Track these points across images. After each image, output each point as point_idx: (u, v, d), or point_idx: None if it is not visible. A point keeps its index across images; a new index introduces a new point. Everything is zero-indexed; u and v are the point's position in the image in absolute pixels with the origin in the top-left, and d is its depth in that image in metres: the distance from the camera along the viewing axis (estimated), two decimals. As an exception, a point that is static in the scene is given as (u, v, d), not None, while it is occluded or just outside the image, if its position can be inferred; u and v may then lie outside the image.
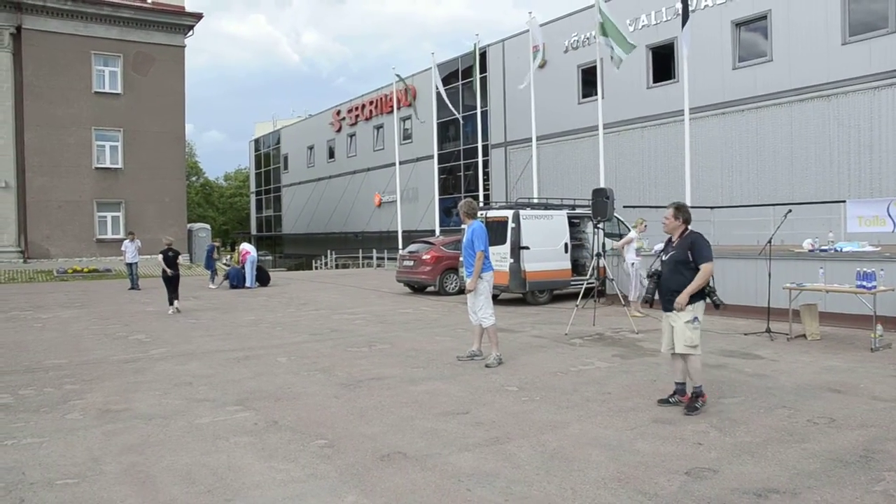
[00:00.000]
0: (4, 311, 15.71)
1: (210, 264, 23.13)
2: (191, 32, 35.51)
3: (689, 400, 6.18)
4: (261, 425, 5.98)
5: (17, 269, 29.63)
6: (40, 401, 7.00)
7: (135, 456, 5.21)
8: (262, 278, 22.61)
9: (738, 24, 22.92)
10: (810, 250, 11.89)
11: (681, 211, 6.45)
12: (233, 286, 21.68)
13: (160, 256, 15.40)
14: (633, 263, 13.46)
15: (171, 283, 15.23)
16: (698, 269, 6.18)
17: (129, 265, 22.37)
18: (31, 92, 31.68)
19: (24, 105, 31.63)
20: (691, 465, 4.79)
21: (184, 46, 35.50)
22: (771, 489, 4.32)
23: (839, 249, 11.64)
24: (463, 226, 9.06)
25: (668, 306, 6.30)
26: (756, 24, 22.62)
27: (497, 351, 8.62)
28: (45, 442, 5.59)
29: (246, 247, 22.47)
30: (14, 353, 10.05)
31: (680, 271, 6.24)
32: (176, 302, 15.11)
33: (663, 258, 6.40)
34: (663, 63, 25.64)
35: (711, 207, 18.34)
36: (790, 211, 10.98)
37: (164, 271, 15.29)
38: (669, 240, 6.52)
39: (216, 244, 25.07)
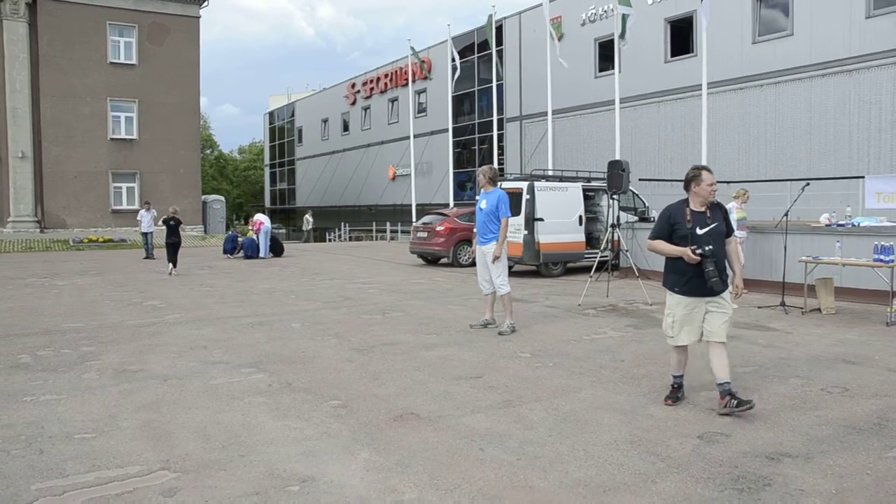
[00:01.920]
0: (22, 278, 15.88)
1: (232, 249, 22.66)
2: (206, 3, 35.38)
3: (729, 398, 5.10)
4: (275, 386, 6.03)
5: (34, 239, 29.93)
6: (58, 361, 7.09)
7: (150, 413, 5.27)
8: (276, 249, 22.67)
9: (759, -3, 22.56)
10: (827, 225, 11.77)
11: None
12: (247, 256, 21.75)
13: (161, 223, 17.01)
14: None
15: (171, 248, 16.81)
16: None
17: (145, 234, 22.51)
18: (47, 62, 31.75)
19: (39, 75, 31.73)
20: (704, 429, 4.80)
21: (199, 17, 35.40)
22: (784, 453, 4.33)
23: (857, 224, 11.52)
24: (478, 196, 8.99)
25: (714, 289, 5.17)
26: (777, -4, 22.26)
27: (511, 319, 8.63)
28: (62, 399, 5.67)
29: (260, 217, 22.51)
30: (32, 316, 10.17)
31: (721, 247, 5.33)
32: (172, 266, 16.55)
33: (698, 232, 5.22)
34: (682, 37, 25.32)
35: (728, 182, 18.18)
36: (808, 184, 10.89)
37: (167, 235, 16.98)
38: (687, 210, 5.36)
39: (237, 232, 24.79)
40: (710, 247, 5.11)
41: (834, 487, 3.82)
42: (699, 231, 5.26)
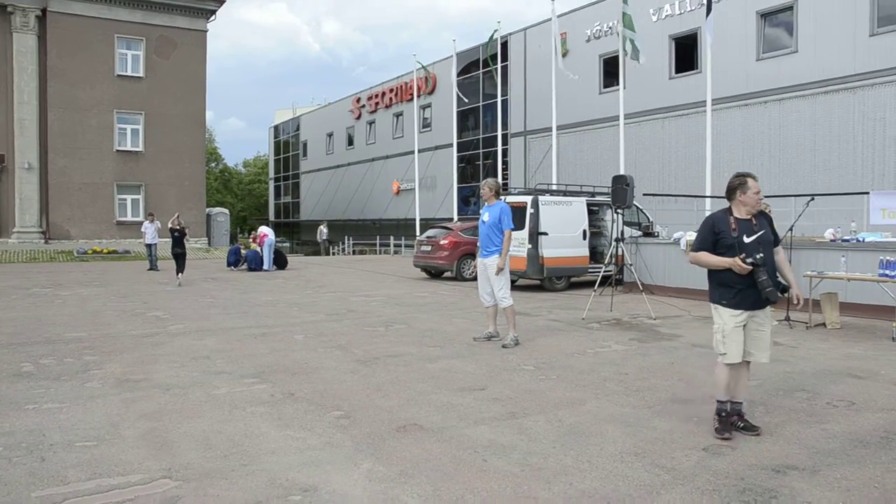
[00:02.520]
0: (26, 288, 15.89)
1: (236, 261, 22.68)
2: (213, 17, 35.64)
3: (736, 417, 5.03)
4: (277, 397, 6.01)
5: (39, 250, 29.99)
6: (60, 370, 7.08)
7: (152, 422, 5.25)
8: (280, 261, 22.68)
9: (764, 15, 22.67)
10: (832, 240, 11.74)
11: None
12: (251, 269, 21.77)
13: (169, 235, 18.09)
14: None
15: (177, 259, 17.67)
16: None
17: (149, 246, 22.53)
18: (55, 74, 31.94)
19: (47, 87, 31.91)
20: (709, 441, 4.76)
21: (206, 31, 35.63)
22: (790, 466, 4.29)
23: (861, 239, 11.49)
24: (482, 209, 9.00)
25: (770, 299, 4.88)
26: (782, 14, 22.37)
27: (514, 332, 8.61)
28: (64, 407, 5.65)
29: (264, 230, 22.52)
30: (35, 326, 10.17)
31: (771, 256, 4.99)
32: (180, 275, 17.25)
33: (745, 240, 4.90)
34: (686, 53, 25.41)
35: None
36: (812, 199, 10.88)
37: (172, 246, 17.88)
38: (731, 218, 5.02)
39: (241, 245, 24.76)
40: (762, 255, 4.79)
41: (841, 500, 3.78)
42: (747, 239, 4.92)
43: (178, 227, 17.99)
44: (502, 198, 9.25)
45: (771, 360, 5.16)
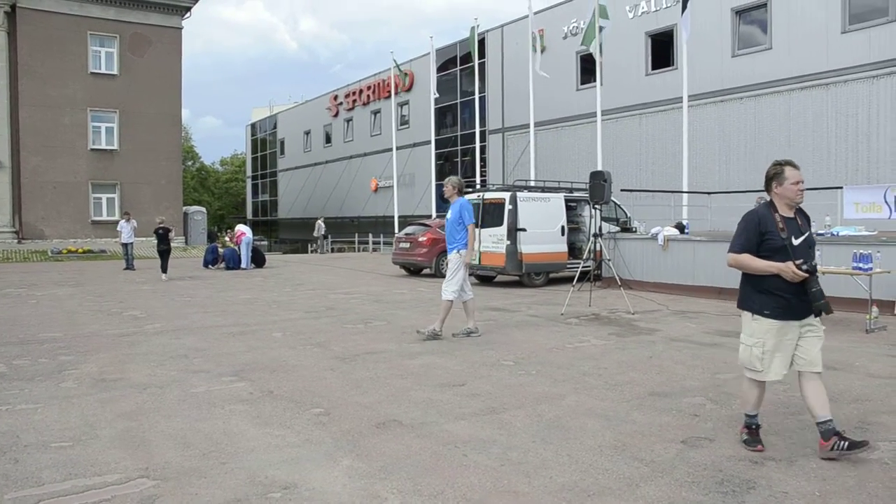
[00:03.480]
0: (-2, 289, 15.67)
1: (213, 260, 22.55)
2: (188, 14, 35.35)
3: (836, 439, 4.22)
4: (256, 395, 5.97)
5: (12, 250, 29.56)
6: (35, 370, 6.98)
7: (129, 422, 5.19)
8: (258, 259, 22.56)
9: (738, 12, 22.89)
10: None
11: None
12: (228, 267, 21.62)
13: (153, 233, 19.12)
14: None
15: (162, 256, 18.58)
16: None
17: (125, 245, 22.27)
18: (26, 71, 31.49)
19: (18, 84, 31.47)
20: (688, 434, 4.80)
21: (181, 28, 35.33)
22: (767, 457, 4.33)
23: (835, 234, 11.65)
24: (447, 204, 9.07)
25: (824, 311, 4.38)
26: (756, 11, 22.59)
27: (438, 326, 8.66)
28: (39, 408, 5.57)
29: (241, 228, 22.38)
30: (8, 326, 10.02)
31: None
32: (165, 273, 18.17)
33: (794, 243, 4.33)
34: (662, 50, 25.60)
35: (709, 193, 18.36)
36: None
37: (157, 244, 18.81)
38: (777, 216, 4.42)
39: (218, 245, 24.54)
40: (815, 261, 4.26)
41: (817, 489, 3.82)
42: (795, 241, 4.31)
43: (160, 226, 19.00)
44: (479, 195, 9.27)
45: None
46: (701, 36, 22.28)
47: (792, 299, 4.30)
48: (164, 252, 18.70)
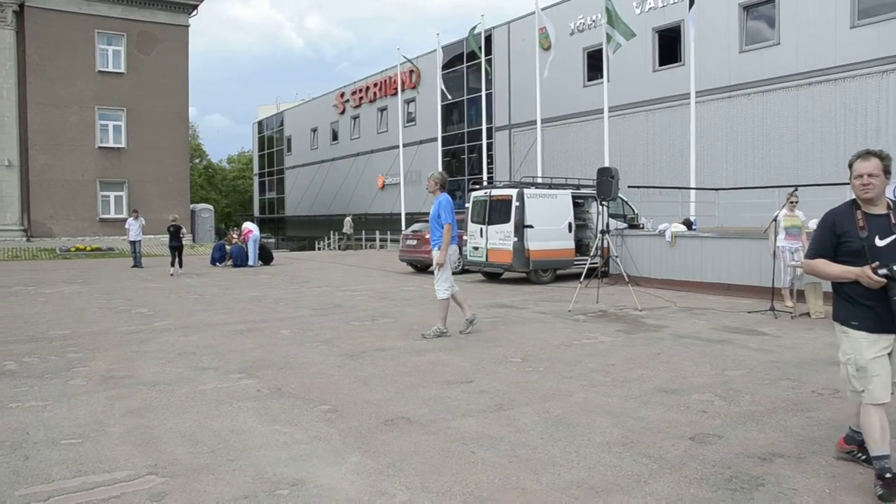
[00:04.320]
0: (7, 287, 15.73)
1: (220, 257, 22.64)
2: (194, 12, 35.35)
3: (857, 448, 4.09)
4: (264, 392, 5.98)
5: (21, 248, 29.68)
6: (44, 368, 7.01)
7: (138, 419, 5.21)
8: (265, 257, 22.60)
9: (746, 7, 22.78)
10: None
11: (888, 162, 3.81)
12: (235, 265, 21.66)
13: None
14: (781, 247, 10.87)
15: (174, 252, 19.45)
16: None
17: (133, 243, 22.31)
18: (34, 70, 31.59)
19: (26, 83, 31.56)
20: (696, 431, 4.78)
21: (188, 26, 35.36)
22: (776, 454, 4.31)
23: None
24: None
25: None
26: (763, 7, 22.47)
27: (442, 325, 8.64)
28: (49, 405, 5.59)
29: (248, 225, 22.43)
30: (18, 324, 10.06)
31: None
32: (176, 267, 19.10)
33: (877, 244, 3.70)
34: (669, 46, 25.50)
35: (716, 189, 18.29)
36: (796, 190, 10.93)
37: (169, 240, 19.84)
38: (858, 213, 3.81)
39: (225, 242, 24.54)
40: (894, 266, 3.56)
41: (827, 486, 3.81)
42: (880, 242, 3.71)
43: (172, 224, 20.03)
44: (486, 192, 9.21)
45: (759, 349, 4.81)
46: (708, 32, 22.20)
47: (879, 308, 3.69)
48: (177, 248, 19.60)
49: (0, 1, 31.03)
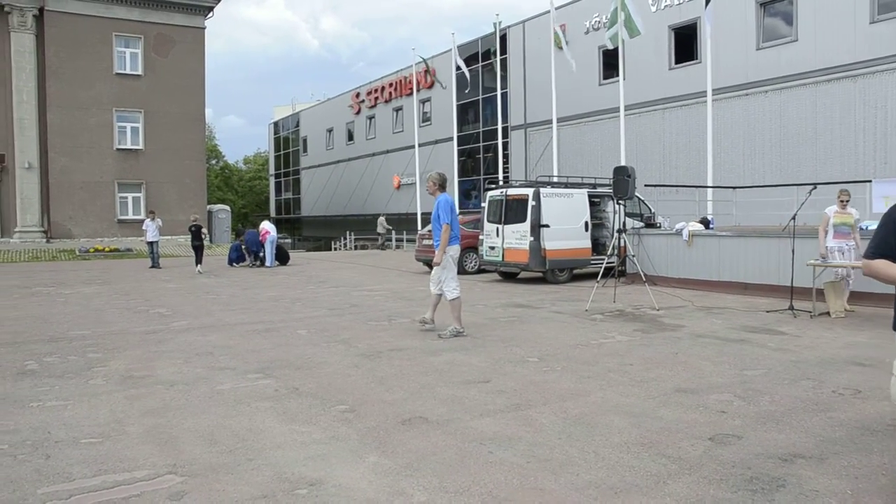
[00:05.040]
0: (28, 287, 15.89)
1: (238, 258, 22.85)
2: (210, 14, 35.57)
3: None
4: (281, 391, 6.00)
5: (41, 249, 29.99)
6: (64, 367, 7.07)
7: (157, 418, 5.24)
8: (282, 257, 22.71)
9: (763, 4, 22.59)
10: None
11: None
12: (253, 260, 21.95)
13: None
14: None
15: (196, 251, 20.46)
16: None
17: (150, 244, 22.48)
18: (53, 73, 31.92)
19: (46, 86, 31.90)
20: (715, 431, 4.74)
21: (204, 28, 35.59)
22: (797, 454, 4.27)
23: (864, 228, 11.45)
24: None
25: None
26: (780, 3, 22.28)
27: (457, 325, 8.68)
28: (69, 405, 5.64)
29: (266, 226, 22.45)
30: (38, 324, 10.16)
31: None
32: (199, 266, 20.04)
33: None
34: (685, 44, 25.34)
35: (734, 188, 18.17)
36: (815, 188, 10.82)
37: (191, 240, 20.80)
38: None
39: (241, 242, 24.68)
40: None
41: (849, 488, 3.76)
42: None
43: (194, 224, 20.92)
44: (502, 191, 9.20)
45: (778, 349, 4.75)
46: (725, 29, 22.05)
47: None
48: (198, 247, 20.56)
49: (20, 5, 31.38)
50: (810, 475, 3.94)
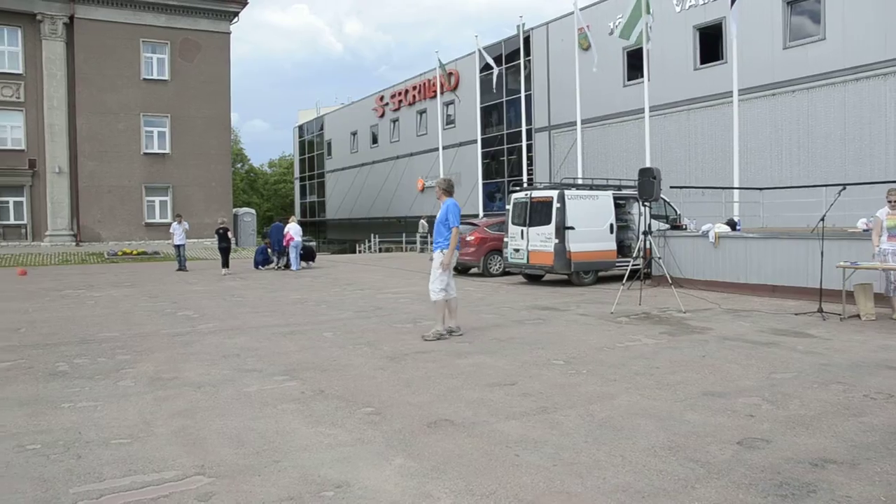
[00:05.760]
0: (59, 290, 16.13)
1: (263, 260, 23.10)
2: (236, 19, 35.94)
3: None
4: (307, 394, 6.03)
5: (70, 252, 30.45)
6: (94, 369, 7.17)
7: (185, 420, 5.29)
8: (308, 254, 22.98)
9: (790, 2, 22.35)
10: (865, 230, 11.55)
11: None
12: (279, 257, 22.25)
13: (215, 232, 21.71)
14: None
15: (222, 253, 20.82)
16: None
17: (177, 247, 22.72)
18: (83, 79, 32.44)
19: (76, 92, 32.40)
20: (743, 435, 4.69)
21: (229, 33, 35.94)
22: (828, 459, 4.21)
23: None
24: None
25: None
26: (808, 1, 22.01)
27: (440, 327, 8.73)
28: (99, 405, 5.72)
29: (292, 231, 22.43)
30: (69, 326, 10.31)
31: None
32: (226, 268, 20.52)
33: None
34: (711, 44, 25.14)
35: (760, 189, 17.97)
36: (843, 189, 10.67)
37: (218, 242, 21.18)
38: None
39: (266, 244, 24.89)
40: None
41: (883, 494, 3.70)
42: None
43: (221, 226, 21.30)
44: (527, 194, 9.19)
45: (807, 352, 4.75)
46: (751, 28, 21.81)
47: None
48: (225, 249, 20.94)
49: (51, 14, 31.91)
50: (842, 481, 3.88)
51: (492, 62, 28.70)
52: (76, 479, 4.09)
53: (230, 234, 22.22)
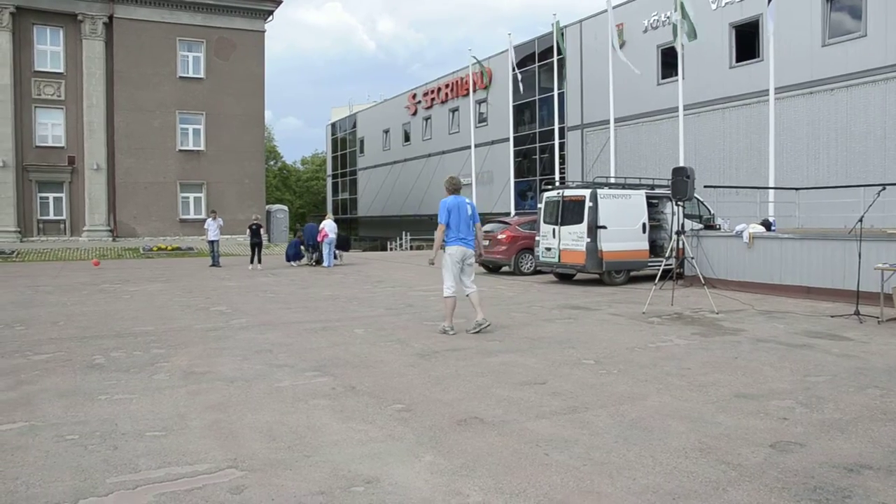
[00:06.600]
0: (96, 284, 16.44)
1: (295, 255, 23.37)
2: (270, 18, 36.27)
3: None
4: (338, 390, 6.08)
5: (107, 247, 30.99)
6: (130, 362, 7.30)
7: (218, 413, 5.37)
8: (343, 244, 23.46)
9: (829, -1, 21.93)
10: (905, 231, 11.31)
11: None
12: (311, 254, 22.50)
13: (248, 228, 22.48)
14: None
15: (254, 248, 21.52)
16: None
17: (211, 243, 22.99)
18: (121, 78, 33.02)
19: (114, 90, 32.99)
20: (776, 438, 4.63)
21: (263, 32, 36.30)
22: (863, 465, 4.14)
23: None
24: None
25: None
26: (849, -3, 21.59)
27: (447, 322, 8.93)
28: (134, 398, 5.82)
29: (327, 227, 22.53)
30: (105, 320, 10.51)
31: None
32: (255, 264, 21.29)
33: None
34: (747, 42, 24.77)
35: (797, 189, 17.69)
36: (883, 189, 10.47)
37: (250, 237, 21.77)
38: None
39: (300, 238, 25.15)
40: None
41: (919, 500, 3.64)
42: None
43: (255, 222, 21.96)
44: (558, 192, 9.17)
45: (843, 354, 4.71)
46: (788, 25, 21.46)
47: None
48: (257, 245, 21.60)
49: (92, 14, 32.53)
50: (878, 487, 3.82)
51: (515, 67, 28.80)
52: (112, 469, 4.17)
53: (262, 231, 22.55)
